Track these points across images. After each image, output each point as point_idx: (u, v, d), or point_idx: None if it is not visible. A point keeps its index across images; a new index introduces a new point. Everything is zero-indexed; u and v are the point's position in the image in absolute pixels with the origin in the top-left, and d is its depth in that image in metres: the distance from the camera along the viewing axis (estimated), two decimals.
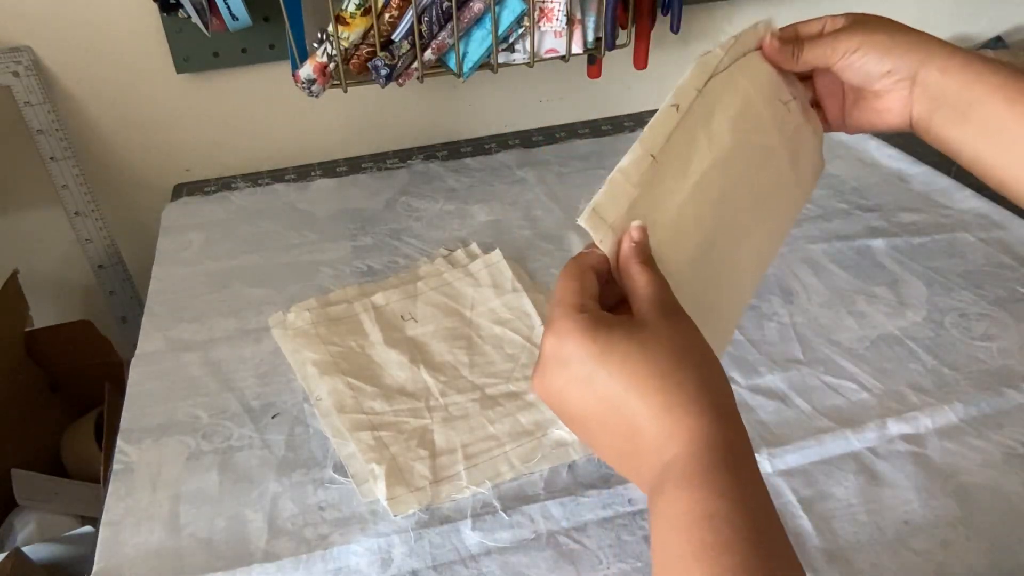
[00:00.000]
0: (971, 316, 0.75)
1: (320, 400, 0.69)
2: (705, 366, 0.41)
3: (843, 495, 0.59)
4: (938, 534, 0.56)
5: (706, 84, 0.53)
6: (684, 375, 0.40)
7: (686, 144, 0.50)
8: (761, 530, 0.37)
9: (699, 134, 0.51)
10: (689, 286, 0.46)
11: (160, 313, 0.82)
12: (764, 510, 0.38)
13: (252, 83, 1.06)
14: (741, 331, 0.74)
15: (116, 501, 0.62)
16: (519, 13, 0.88)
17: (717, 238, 0.50)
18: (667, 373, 0.39)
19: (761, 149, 0.57)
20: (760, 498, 0.38)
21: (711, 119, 0.52)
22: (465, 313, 0.78)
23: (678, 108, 0.50)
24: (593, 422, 0.41)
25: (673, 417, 0.39)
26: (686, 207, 0.48)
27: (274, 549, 0.57)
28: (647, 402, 0.39)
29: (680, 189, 0.48)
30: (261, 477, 0.63)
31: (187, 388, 0.72)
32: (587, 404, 0.41)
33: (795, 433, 0.64)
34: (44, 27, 0.96)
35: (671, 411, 0.39)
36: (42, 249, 1.11)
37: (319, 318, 0.77)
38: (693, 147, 0.50)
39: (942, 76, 0.62)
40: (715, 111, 0.53)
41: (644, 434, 0.39)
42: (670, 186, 0.48)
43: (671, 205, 0.47)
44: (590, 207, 0.44)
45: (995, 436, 0.63)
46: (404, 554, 0.57)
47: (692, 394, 0.39)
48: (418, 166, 1.07)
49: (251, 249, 0.91)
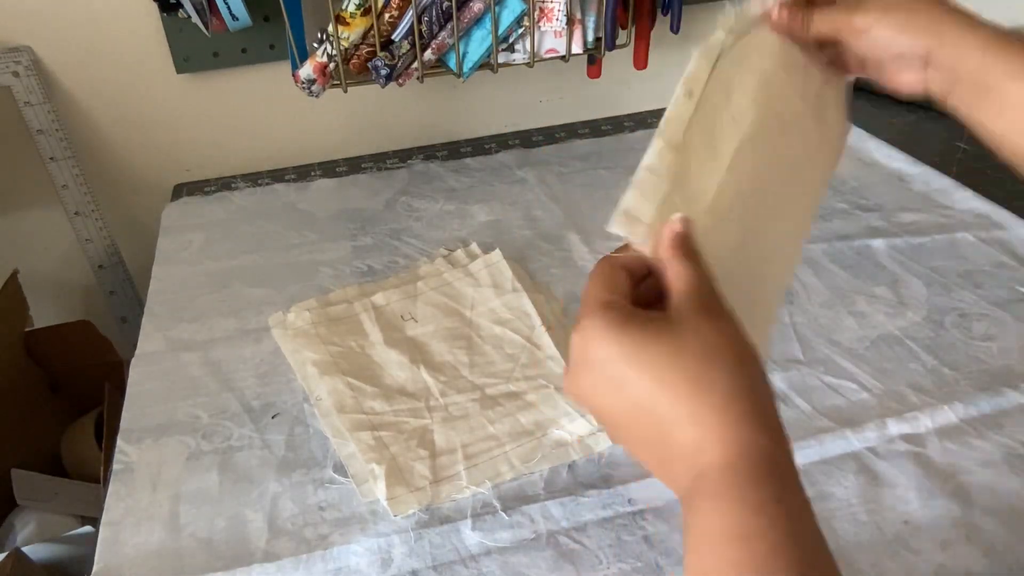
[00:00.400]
0: (971, 316, 0.75)
1: (320, 400, 0.69)
2: (742, 367, 0.38)
3: (843, 495, 0.59)
4: (938, 534, 0.56)
5: (715, 66, 0.51)
6: (717, 376, 0.37)
7: (708, 130, 0.48)
8: (801, 547, 0.35)
9: (721, 116, 0.49)
10: (734, 276, 0.44)
11: (160, 313, 0.82)
12: (803, 525, 0.36)
13: (252, 83, 1.06)
14: None
15: (116, 501, 0.62)
16: (519, 13, 0.88)
17: (757, 220, 0.49)
18: (698, 376, 0.37)
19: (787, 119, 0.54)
20: (799, 512, 0.36)
21: (730, 98, 0.50)
22: (465, 313, 0.78)
23: (691, 94, 0.49)
24: (624, 425, 0.39)
25: (704, 425, 0.36)
26: (724, 192, 0.46)
27: (274, 549, 0.57)
28: (677, 408, 0.37)
29: (713, 173, 0.46)
30: (261, 477, 0.63)
31: (187, 388, 0.72)
32: (617, 406, 0.39)
33: (795, 433, 0.64)
34: (44, 27, 0.96)
35: (702, 418, 0.36)
36: (42, 249, 1.11)
37: (319, 318, 0.77)
38: (717, 130, 0.48)
39: (957, 59, 0.59)
40: (732, 90, 0.51)
41: (675, 440, 0.37)
42: (702, 173, 0.46)
43: (707, 191, 0.45)
44: (620, 210, 0.42)
45: (995, 436, 0.63)
46: (404, 554, 0.57)
47: (725, 399, 0.37)
48: (418, 166, 1.07)
49: (251, 249, 0.91)
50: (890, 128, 1.09)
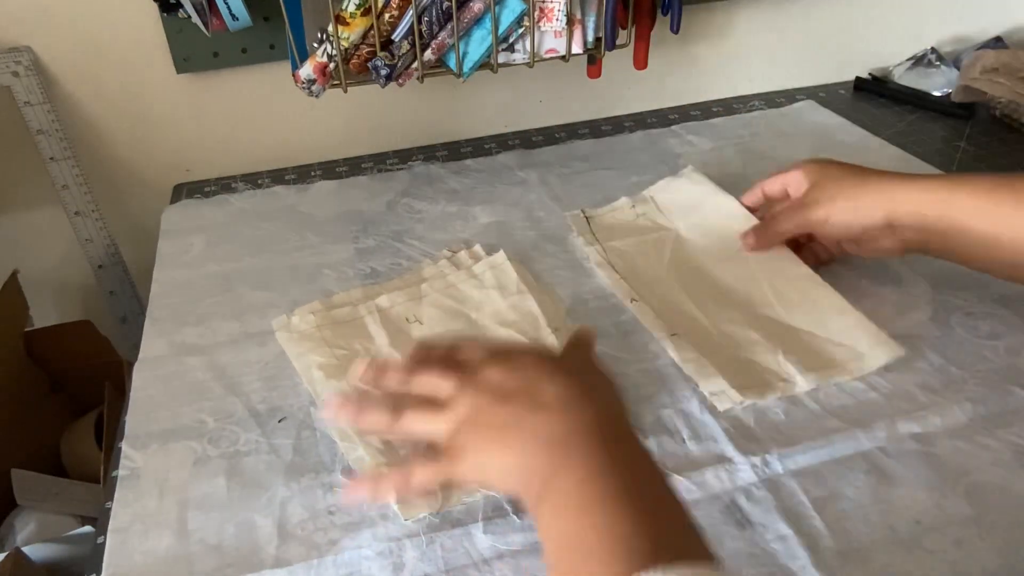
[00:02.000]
0: (977, 315, 0.75)
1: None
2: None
3: (854, 495, 0.59)
4: (951, 533, 0.56)
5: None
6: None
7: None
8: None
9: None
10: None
11: (162, 317, 0.81)
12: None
13: (252, 83, 1.06)
14: None
15: (123, 508, 0.61)
16: (519, 13, 0.88)
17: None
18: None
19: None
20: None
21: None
22: (471, 315, 0.77)
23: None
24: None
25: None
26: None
27: (284, 554, 0.57)
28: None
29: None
30: (269, 482, 0.63)
31: (192, 393, 0.71)
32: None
33: (805, 433, 0.64)
34: (44, 27, 0.95)
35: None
36: (42, 249, 1.10)
37: (323, 321, 0.77)
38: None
39: (918, 217, 0.69)
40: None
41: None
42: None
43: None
44: None
45: (1004, 434, 0.63)
46: (416, 558, 0.57)
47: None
48: (418, 167, 1.07)
49: (252, 252, 0.90)
50: (890, 128, 1.09)
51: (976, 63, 1.10)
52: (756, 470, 0.61)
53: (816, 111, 1.15)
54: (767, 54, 1.22)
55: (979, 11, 1.26)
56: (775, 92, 1.23)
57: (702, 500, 0.60)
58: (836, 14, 1.21)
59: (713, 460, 0.62)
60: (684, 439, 0.64)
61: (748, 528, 0.57)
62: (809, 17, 1.20)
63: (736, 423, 0.65)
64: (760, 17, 1.18)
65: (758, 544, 0.56)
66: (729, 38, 1.19)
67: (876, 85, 1.20)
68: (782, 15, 1.19)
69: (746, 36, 1.19)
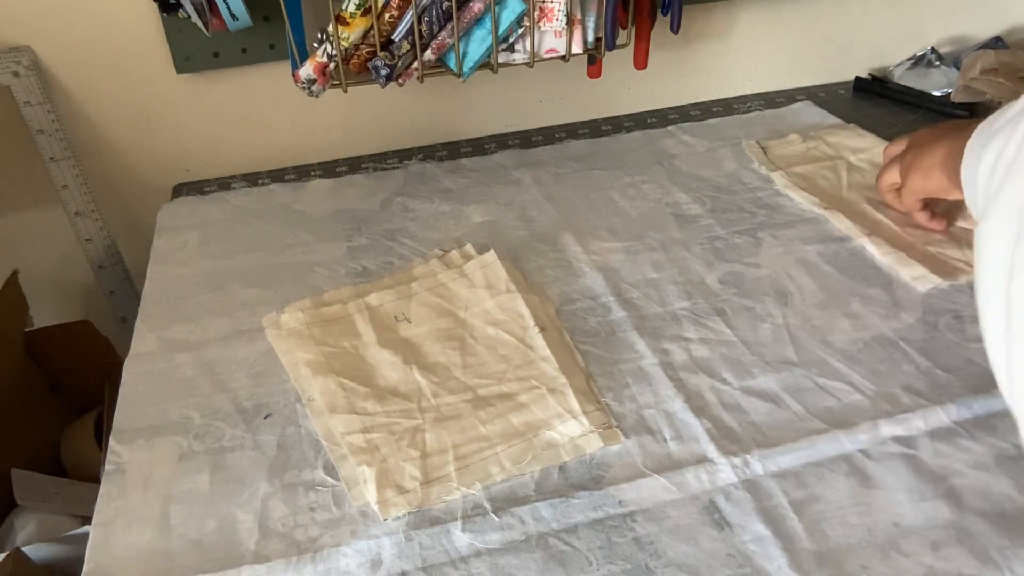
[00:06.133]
0: (965, 318, 0.74)
1: (312, 400, 0.69)
2: None
3: (834, 497, 0.59)
4: (929, 536, 0.56)
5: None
6: None
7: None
8: None
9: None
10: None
11: (154, 314, 0.82)
12: None
13: (252, 83, 1.06)
14: (735, 332, 0.74)
15: (107, 502, 0.62)
16: (519, 13, 0.88)
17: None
18: None
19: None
20: None
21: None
22: (459, 314, 0.78)
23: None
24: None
25: None
26: None
27: (264, 550, 0.58)
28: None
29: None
30: (252, 478, 0.63)
31: (180, 388, 0.72)
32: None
33: (787, 435, 0.64)
34: (44, 27, 0.96)
35: None
36: (42, 249, 1.11)
37: (313, 319, 0.77)
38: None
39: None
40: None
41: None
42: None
43: None
44: None
45: (987, 438, 0.62)
46: (394, 556, 0.57)
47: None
48: (414, 167, 1.07)
49: (246, 249, 0.91)
50: (890, 128, 1.09)
51: (976, 63, 1.10)
52: (736, 471, 0.61)
53: (812, 111, 1.14)
54: (767, 54, 1.22)
55: (979, 11, 1.25)
56: (775, 92, 1.23)
57: (681, 500, 0.60)
58: (836, 14, 1.20)
59: (694, 460, 0.62)
60: (666, 439, 0.64)
61: (726, 529, 0.57)
62: (809, 17, 1.20)
63: (719, 423, 0.65)
64: (760, 17, 1.18)
65: (735, 545, 0.56)
66: (729, 38, 1.19)
67: (876, 85, 1.20)
68: (782, 15, 1.18)
69: (746, 36, 1.19)
